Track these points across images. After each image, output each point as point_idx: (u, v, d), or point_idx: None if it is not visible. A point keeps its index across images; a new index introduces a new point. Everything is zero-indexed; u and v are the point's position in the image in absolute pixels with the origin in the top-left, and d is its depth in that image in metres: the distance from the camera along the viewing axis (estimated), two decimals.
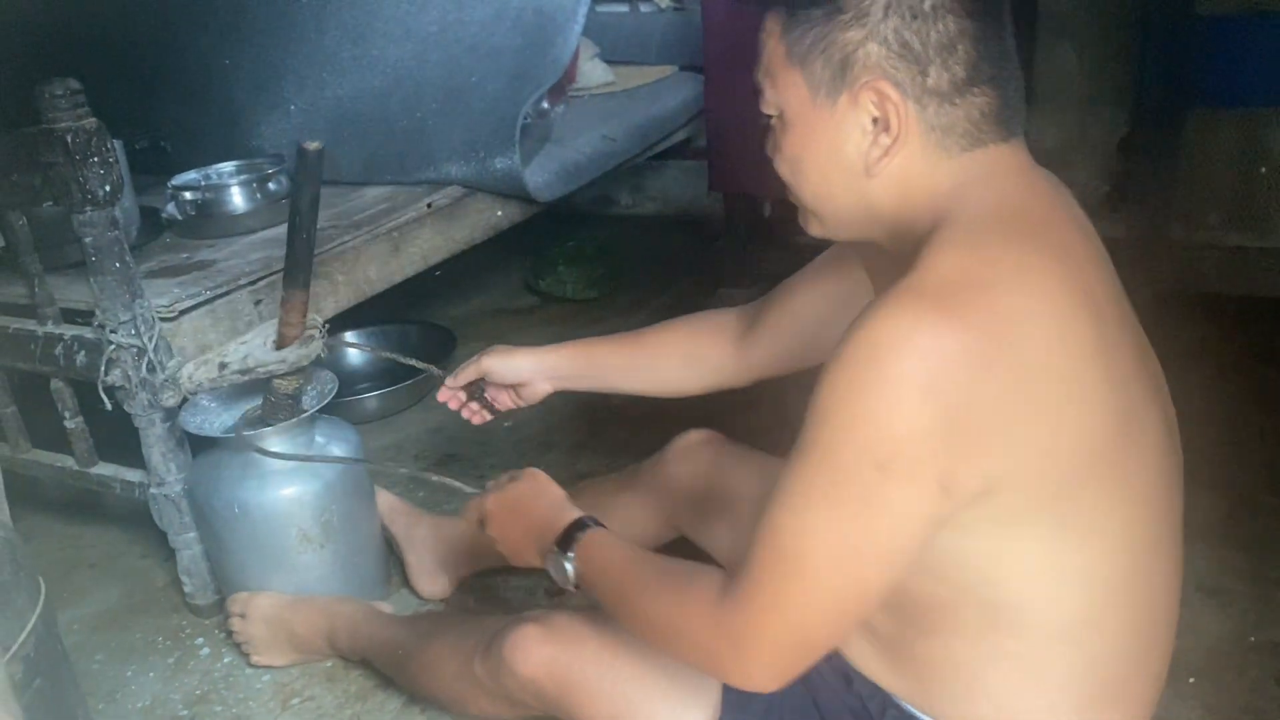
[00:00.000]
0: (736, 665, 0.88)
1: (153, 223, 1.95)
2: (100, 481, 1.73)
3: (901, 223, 0.90)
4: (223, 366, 1.55)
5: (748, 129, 2.43)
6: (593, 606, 1.09)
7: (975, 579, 0.88)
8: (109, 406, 1.55)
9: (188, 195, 1.94)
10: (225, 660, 1.63)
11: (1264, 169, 2.21)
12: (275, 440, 1.53)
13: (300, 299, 1.49)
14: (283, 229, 1.93)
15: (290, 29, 2.33)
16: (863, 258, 1.16)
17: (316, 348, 1.53)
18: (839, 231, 0.97)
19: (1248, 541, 1.67)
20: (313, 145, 1.35)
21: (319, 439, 1.61)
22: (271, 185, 1.98)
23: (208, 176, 2.03)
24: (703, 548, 1.46)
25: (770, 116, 0.94)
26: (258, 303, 1.69)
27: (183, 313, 1.59)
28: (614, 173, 2.62)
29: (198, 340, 1.60)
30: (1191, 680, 1.41)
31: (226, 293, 1.66)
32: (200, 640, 1.68)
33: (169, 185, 1.98)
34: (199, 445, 1.63)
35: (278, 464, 1.53)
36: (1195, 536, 1.67)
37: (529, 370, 1.39)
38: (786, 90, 0.90)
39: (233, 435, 1.54)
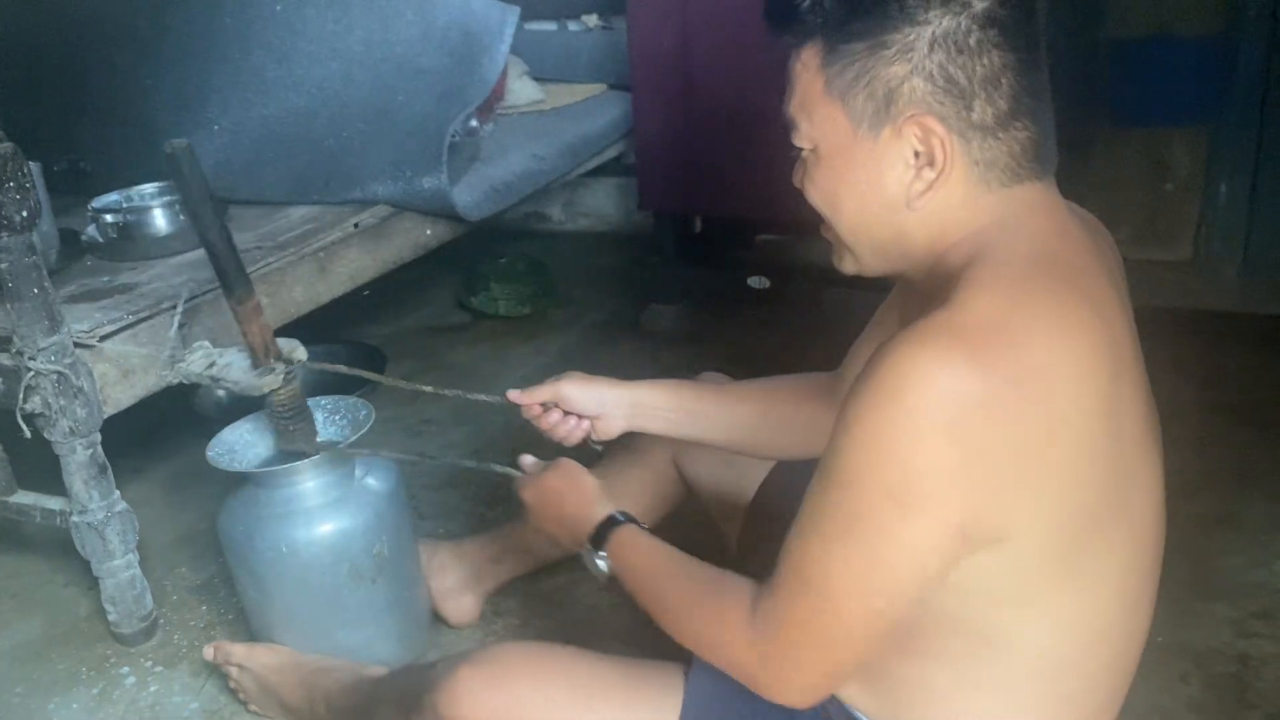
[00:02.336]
0: (769, 685, 0.91)
1: (72, 246, 1.92)
2: (19, 510, 1.70)
3: (934, 256, 0.90)
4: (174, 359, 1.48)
5: (676, 147, 2.49)
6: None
7: (972, 614, 0.88)
8: (28, 434, 1.53)
9: (109, 217, 1.92)
10: (151, 690, 1.60)
11: (1170, 186, 2.30)
12: (313, 474, 1.47)
13: (248, 306, 1.40)
14: None
15: (214, 49, 2.31)
16: (901, 294, 1.13)
17: (275, 379, 1.43)
18: (872, 265, 0.96)
19: None
20: (173, 146, 1.30)
21: (358, 470, 1.53)
22: None
23: (129, 198, 2.00)
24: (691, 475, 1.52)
25: (801, 150, 0.93)
26: (181, 326, 1.67)
27: (104, 338, 1.57)
28: (545, 189, 2.63)
29: (120, 365, 1.58)
30: None
31: (149, 317, 1.64)
32: (125, 670, 1.65)
33: (89, 207, 1.95)
34: (219, 482, 1.56)
35: (323, 498, 1.47)
36: None
37: (610, 402, 1.30)
38: (825, 124, 0.89)
39: (268, 470, 1.47)
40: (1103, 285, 0.89)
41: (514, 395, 1.32)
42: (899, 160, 0.87)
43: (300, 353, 1.46)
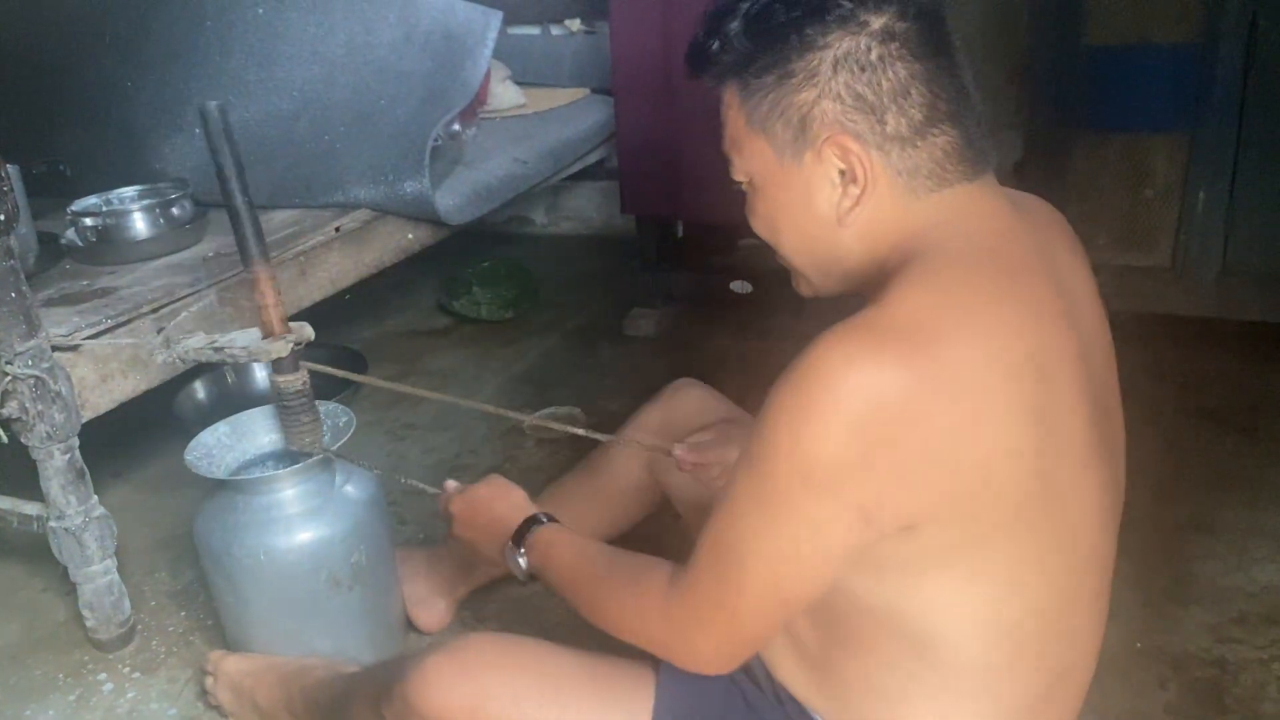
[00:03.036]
0: (684, 651, 0.94)
1: (51, 249, 1.91)
2: None
3: (875, 266, 0.92)
4: (168, 341, 1.46)
5: (658, 152, 2.49)
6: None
7: (887, 609, 0.90)
8: (5, 439, 1.51)
9: (88, 221, 1.91)
10: (129, 696, 1.59)
11: (1149, 192, 2.31)
12: (294, 481, 1.46)
13: (263, 272, 1.39)
14: (186, 255, 1.93)
15: (195, 51, 2.30)
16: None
17: (284, 346, 1.42)
18: (823, 286, 0.98)
19: (1134, 551, 1.72)
20: (213, 104, 1.30)
21: (338, 478, 1.52)
22: (175, 210, 1.95)
23: (109, 201, 1.99)
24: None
25: (741, 184, 0.97)
26: (160, 330, 1.66)
27: (83, 342, 1.56)
28: (527, 193, 2.63)
29: (99, 370, 1.57)
30: None
31: (128, 321, 1.63)
32: (103, 676, 1.64)
33: (68, 210, 1.94)
34: (200, 485, 1.53)
35: (303, 505, 1.46)
36: None
37: None
38: (753, 157, 0.93)
39: (250, 478, 1.47)
40: (1041, 290, 0.89)
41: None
42: (825, 181, 0.90)
43: (308, 331, 1.45)
